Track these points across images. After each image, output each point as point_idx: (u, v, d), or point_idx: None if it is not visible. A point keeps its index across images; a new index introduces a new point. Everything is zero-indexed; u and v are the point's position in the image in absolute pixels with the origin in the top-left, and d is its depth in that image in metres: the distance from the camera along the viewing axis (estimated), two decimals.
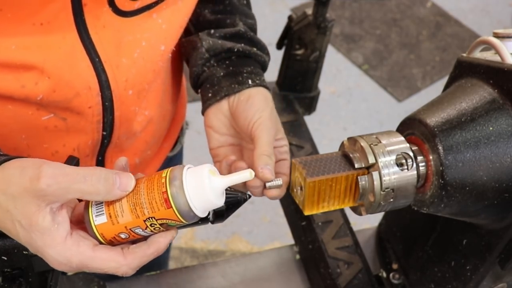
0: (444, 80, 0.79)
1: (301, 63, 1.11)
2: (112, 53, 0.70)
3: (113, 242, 0.58)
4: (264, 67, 0.81)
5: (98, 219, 0.56)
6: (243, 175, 0.57)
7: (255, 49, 0.79)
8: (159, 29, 0.73)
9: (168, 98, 0.88)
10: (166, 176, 0.55)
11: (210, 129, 0.76)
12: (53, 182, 0.52)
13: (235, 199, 0.65)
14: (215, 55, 0.78)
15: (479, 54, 0.71)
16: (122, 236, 0.56)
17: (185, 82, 1.01)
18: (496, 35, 0.68)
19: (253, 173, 0.58)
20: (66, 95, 0.68)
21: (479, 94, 0.63)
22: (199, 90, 0.80)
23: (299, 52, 1.10)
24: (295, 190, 0.68)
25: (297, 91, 1.15)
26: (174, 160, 1.05)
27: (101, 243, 0.57)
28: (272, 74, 1.28)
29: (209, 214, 0.61)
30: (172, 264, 1.89)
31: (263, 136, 0.70)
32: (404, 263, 0.86)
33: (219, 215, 0.64)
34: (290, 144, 1.04)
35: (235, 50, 0.78)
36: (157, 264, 0.85)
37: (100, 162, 0.81)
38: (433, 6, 3.13)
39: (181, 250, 2.03)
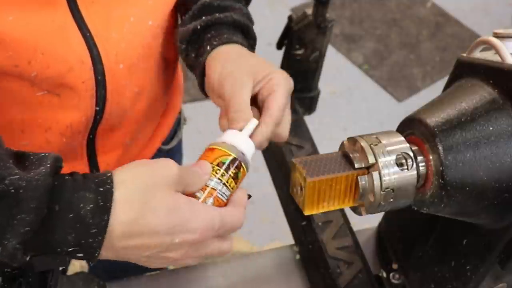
0: (444, 80, 0.79)
1: (301, 63, 1.11)
2: (101, 28, 0.71)
3: None
4: (236, 26, 0.76)
5: None
6: (252, 124, 0.67)
7: (217, 14, 0.76)
8: (145, 5, 0.74)
9: (160, 82, 0.88)
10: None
11: None
12: (184, 172, 0.58)
13: None
14: (188, 43, 0.77)
15: (479, 54, 0.71)
16: (198, 194, 0.61)
17: (182, 77, 1.01)
18: (496, 35, 0.68)
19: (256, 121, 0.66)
20: (59, 70, 0.69)
21: (479, 94, 0.63)
22: None
23: (299, 52, 1.10)
24: (295, 190, 0.68)
25: (297, 91, 1.14)
26: (171, 153, 1.06)
27: None
28: None
29: None
30: None
31: (225, 96, 0.68)
32: (404, 263, 0.86)
33: None
34: (290, 144, 1.04)
35: (199, 27, 0.76)
36: None
37: (91, 140, 0.81)
38: (433, 6, 3.13)
39: None
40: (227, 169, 0.63)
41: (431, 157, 0.62)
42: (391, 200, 0.63)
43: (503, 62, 0.64)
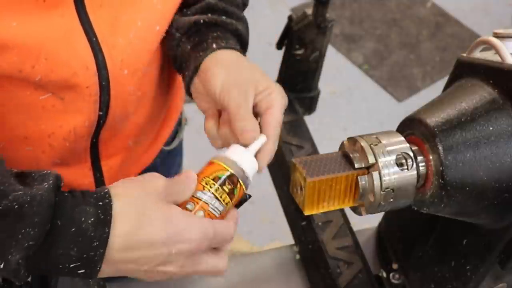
0: (444, 80, 0.79)
1: (301, 63, 1.11)
2: (108, 33, 0.70)
3: None
4: (238, 35, 0.77)
5: None
6: (261, 140, 0.66)
7: (224, 17, 0.76)
8: (154, 9, 0.74)
9: (163, 85, 0.87)
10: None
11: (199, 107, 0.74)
12: (170, 183, 0.59)
13: None
14: (185, 33, 0.76)
15: (479, 54, 0.71)
16: (189, 207, 0.61)
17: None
18: (496, 35, 0.68)
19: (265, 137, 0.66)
20: (63, 75, 0.69)
21: (479, 94, 0.63)
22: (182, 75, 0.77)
23: (299, 52, 1.10)
24: (295, 190, 0.68)
25: (297, 91, 1.15)
26: (172, 154, 1.05)
27: None
28: (272, 74, 1.28)
29: None
30: None
31: (230, 105, 0.67)
32: (404, 263, 0.86)
33: None
34: (290, 144, 1.04)
35: (201, 21, 0.75)
36: None
37: (94, 144, 0.81)
38: (433, 6, 3.13)
39: None
40: (222, 184, 0.62)
41: (431, 157, 0.62)
42: (391, 200, 0.63)
43: (503, 62, 0.64)
